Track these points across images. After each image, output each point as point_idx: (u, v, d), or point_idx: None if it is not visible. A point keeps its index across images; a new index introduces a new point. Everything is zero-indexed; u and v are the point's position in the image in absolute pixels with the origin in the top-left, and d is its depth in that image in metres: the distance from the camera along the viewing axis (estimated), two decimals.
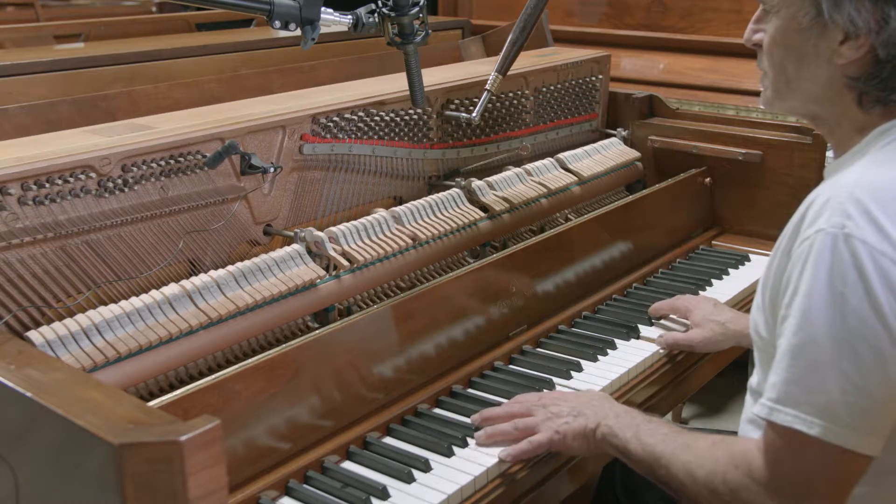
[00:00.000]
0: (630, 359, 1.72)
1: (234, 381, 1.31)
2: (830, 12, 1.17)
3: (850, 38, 1.17)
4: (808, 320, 1.11)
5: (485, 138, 2.19)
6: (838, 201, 1.11)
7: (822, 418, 1.09)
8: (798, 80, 1.25)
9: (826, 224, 1.10)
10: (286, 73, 2.10)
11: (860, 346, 1.08)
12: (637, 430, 1.34)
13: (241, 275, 1.50)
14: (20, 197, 1.34)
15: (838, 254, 1.09)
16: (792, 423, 1.11)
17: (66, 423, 0.93)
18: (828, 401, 1.09)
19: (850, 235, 1.08)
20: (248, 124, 1.64)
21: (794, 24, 1.21)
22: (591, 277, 2.00)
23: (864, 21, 1.15)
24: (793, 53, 1.24)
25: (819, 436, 1.09)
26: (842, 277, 1.08)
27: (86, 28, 2.93)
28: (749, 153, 2.31)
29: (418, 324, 1.59)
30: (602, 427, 1.37)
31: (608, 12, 3.44)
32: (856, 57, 1.18)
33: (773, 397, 1.14)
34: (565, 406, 1.44)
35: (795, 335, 1.12)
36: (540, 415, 1.43)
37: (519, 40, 2.07)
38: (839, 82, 1.21)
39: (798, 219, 1.18)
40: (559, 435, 1.40)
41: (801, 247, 1.13)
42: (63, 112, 1.69)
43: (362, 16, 1.64)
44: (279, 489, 1.32)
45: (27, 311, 1.34)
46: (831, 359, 1.09)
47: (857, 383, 1.08)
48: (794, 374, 1.12)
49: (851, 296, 1.08)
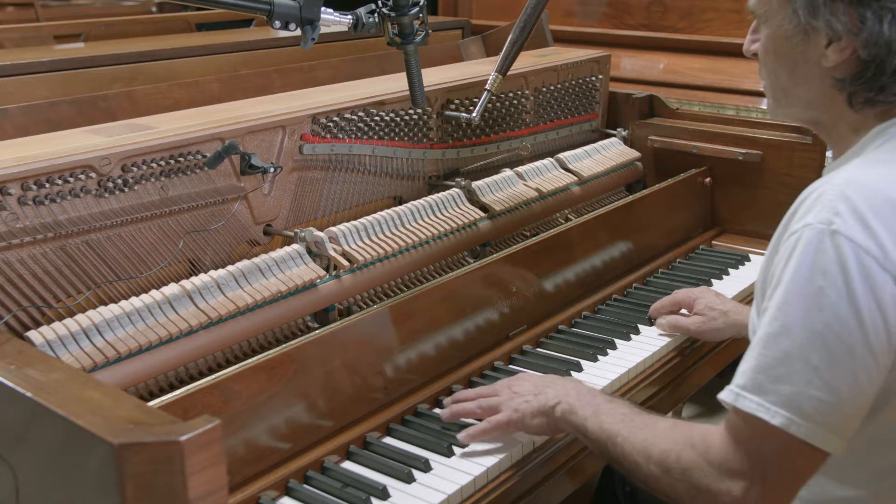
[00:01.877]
0: (630, 359, 1.72)
1: (234, 381, 1.31)
2: (808, 19, 1.18)
3: (833, 42, 1.18)
4: (784, 311, 1.11)
5: (485, 138, 2.18)
6: (828, 198, 1.11)
7: (786, 409, 1.10)
8: (793, 87, 1.27)
9: (814, 219, 1.11)
10: (286, 73, 2.10)
11: (832, 342, 1.08)
12: (596, 408, 1.34)
13: (241, 275, 1.50)
14: (20, 197, 1.34)
15: (823, 249, 1.09)
16: (755, 410, 1.11)
17: (66, 423, 0.93)
18: (793, 392, 1.09)
19: (836, 232, 1.08)
20: (248, 124, 1.64)
21: (782, 32, 1.23)
22: (591, 277, 2.00)
23: (842, 24, 1.16)
24: (784, 60, 1.25)
25: (780, 426, 1.10)
26: (823, 272, 1.08)
27: (86, 28, 2.93)
28: (749, 153, 2.31)
29: (418, 324, 1.59)
30: (562, 405, 1.38)
31: (608, 12, 3.44)
32: (841, 59, 1.19)
33: (741, 384, 1.14)
34: (527, 385, 1.45)
35: (770, 324, 1.12)
36: (504, 395, 1.45)
37: (519, 40, 2.07)
38: (829, 85, 1.22)
39: (789, 214, 1.19)
40: (518, 413, 1.41)
41: (789, 241, 1.14)
42: (63, 112, 1.69)
43: (362, 16, 1.64)
44: (279, 489, 1.32)
45: (27, 311, 1.34)
46: (801, 350, 1.09)
47: (825, 378, 1.08)
48: (763, 363, 1.12)
49: (830, 290, 1.08)
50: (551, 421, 1.40)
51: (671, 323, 1.79)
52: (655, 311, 1.86)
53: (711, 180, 2.40)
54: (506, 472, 1.40)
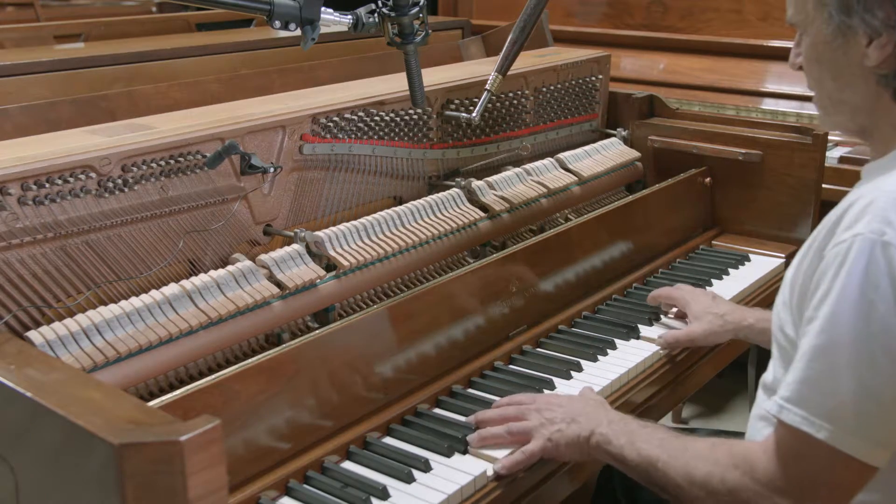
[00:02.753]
0: (630, 359, 1.72)
1: (234, 381, 1.31)
2: (843, 18, 1.17)
3: (873, 39, 1.16)
4: (833, 323, 1.09)
5: (485, 138, 2.18)
6: (880, 206, 1.09)
7: (831, 422, 1.09)
8: (839, 93, 1.24)
9: (865, 229, 1.09)
10: (286, 73, 2.10)
11: (880, 355, 1.06)
12: (631, 436, 1.33)
13: (241, 275, 1.50)
14: (20, 197, 1.34)
15: (874, 260, 1.07)
16: (800, 424, 1.11)
17: (66, 423, 0.93)
18: (839, 405, 1.08)
19: (888, 243, 1.06)
20: (248, 124, 1.64)
21: (821, 38, 1.21)
22: (591, 277, 2.00)
23: (879, 20, 1.14)
24: (827, 65, 1.23)
25: (825, 439, 1.09)
26: (874, 284, 1.06)
27: (86, 28, 2.93)
28: (749, 153, 2.31)
29: (418, 324, 1.59)
30: (596, 435, 1.36)
31: (608, 12, 3.44)
32: (883, 56, 1.17)
33: (786, 396, 1.13)
34: (559, 412, 1.42)
35: (818, 336, 1.11)
36: (534, 420, 1.42)
37: (519, 40, 2.07)
38: (874, 83, 1.20)
39: (835, 219, 1.16)
40: (552, 443, 1.39)
41: (837, 248, 1.11)
42: (63, 112, 1.69)
43: (362, 16, 1.64)
44: (279, 489, 1.32)
45: (27, 311, 1.34)
46: (849, 363, 1.08)
47: (872, 391, 1.07)
48: (809, 375, 1.11)
49: (881, 303, 1.06)
50: (585, 450, 1.38)
51: (670, 342, 1.76)
52: (653, 298, 1.90)
53: (711, 180, 2.40)
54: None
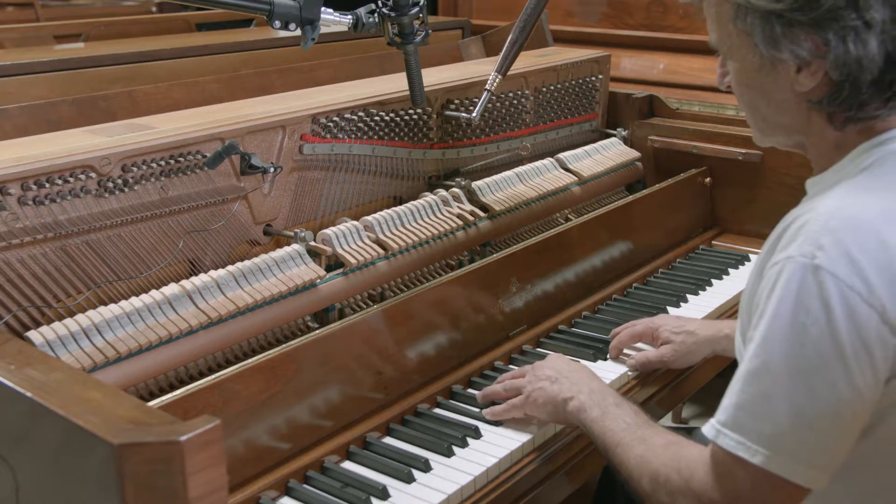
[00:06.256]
0: (630, 359, 1.72)
1: (234, 381, 1.31)
2: (770, 52, 1.14)
3: (803, 67, 1.14)
4: (765, 348, 1.09)
5: (485, 138, 2.18)
6: (812, 229, 1.08)
7: (767, 447, 1.08)
8: (773, 115, 1.23)
9: (796, 252, 1.08)
10: (286, 73, 2.10)
11: (815, 380, 1.06)
12: (604, 411, 1.36)
13: (241, 275, 1.50)
14: (20, 197, 1.34)
15: (805, 285, 1.06)
16: (735, 448, 1.10)
17: (66, 423, 0.93)
18: (774, 430, 1.08)
19: (819, 267, 1.05)
20: (248, 124, 1.64)
21: (749, 65, 1.19)
22: (591, 277, 2.00)
23: (806, 50, 1.12)
24: (758, 91, 1.22)
25: (760, 464, 1.09)
26: (805, 308, 1.05)
27: (86, 28, 2.92)
28: (749, 153, 2.31)
29: (418, 324, 1.59)
30: (574, 401, 1.41)
31: (608, 12, 3.44)
32: (814, 82, 1.15)
33: (722, 420, 1.13)
34: (548, 372, 1.49)
35: (751, 360, 1.10)
36: (527, 377, 1.51)
37: (519, 40, 2.07)
38: (806, 108, 1.18)
39: (774, 238, 1.16)
40: (530, 399, 1.47)
41: (772, 270, 1.11)
42: (63, 112, 1.69)
43: (362, 16, 1.64)
44: (279, 489, 1.32)
45: (27, 311, 1.34)
46: (784, 389, 1.07)
47: (809, 416, 1.06)
48: (744, 400, 1.11)
49: (812, 327, 1.05)
50: (561, 413, 1.43)
51: (641, 362, 1.70)
52: (615, 348, 1.73)
53: (711, 180, 2.40)
54: (506, 472, 1.40)
